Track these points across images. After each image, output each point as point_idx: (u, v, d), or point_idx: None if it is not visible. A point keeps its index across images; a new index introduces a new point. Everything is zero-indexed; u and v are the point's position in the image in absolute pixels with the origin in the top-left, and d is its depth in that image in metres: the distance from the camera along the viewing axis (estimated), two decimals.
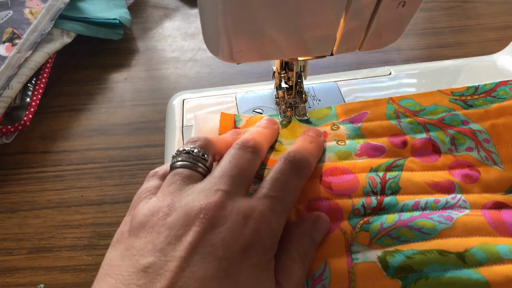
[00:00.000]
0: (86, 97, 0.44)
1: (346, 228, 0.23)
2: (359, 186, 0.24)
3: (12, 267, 0.31)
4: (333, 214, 0.24)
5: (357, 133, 0.28)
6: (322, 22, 0.19)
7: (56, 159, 0.38)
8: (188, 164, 0.21)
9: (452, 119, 0.28)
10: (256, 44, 0.20)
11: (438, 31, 0.49)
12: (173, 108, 0.35)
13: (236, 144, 0.23)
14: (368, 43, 0.22)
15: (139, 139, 0.39)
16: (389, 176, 0.25)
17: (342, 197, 0.24)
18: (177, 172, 0.21)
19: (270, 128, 0.27)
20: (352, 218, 0.24)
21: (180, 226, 0.18)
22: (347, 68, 0.45)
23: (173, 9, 0.55)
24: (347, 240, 0.23)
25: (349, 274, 0.22)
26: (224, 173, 0.21)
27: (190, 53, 0.48)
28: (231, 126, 0.30)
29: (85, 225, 0.33)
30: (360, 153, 0.27)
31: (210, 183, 0.20)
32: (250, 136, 0.24)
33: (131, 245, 0.18)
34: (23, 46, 0.39)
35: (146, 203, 0.20)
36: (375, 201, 0.24)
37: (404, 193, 0.24)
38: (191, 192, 0.20)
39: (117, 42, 0.49)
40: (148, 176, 0.24)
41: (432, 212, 0.23)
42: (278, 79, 0.30)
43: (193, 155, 0.22)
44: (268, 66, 0.45)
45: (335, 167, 0.26)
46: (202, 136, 0.23)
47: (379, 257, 0.22)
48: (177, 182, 0.21)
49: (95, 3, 0.48)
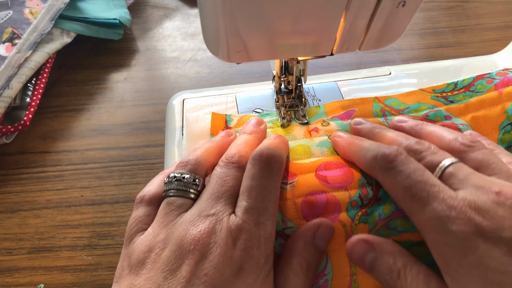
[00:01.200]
0: (86, 97, 0.44)
1: (345, 221, 0.23)
2: (354, 178, 0.25)
3: (12, 267, 0.31)
4: (331, 206, 0.24)
5: (347, 128, 0.29)
6: (322, 21, 0.19)
7: (56, 159, 0.38)
8: (180, 192, 0.22)
9: (436, 115, 0.29)
10: (256, 44, 0.20)
11: (438, 31, 0.49)
12: (173, 108, 0.35)
13: (221, 161, 0.23)
14: (368, 43, 0.22)
15: (139, 139, 0.39)
16: None
17: (339, 190, 0.24)
18: (170, 201, 0.22)
19: (256, 132, 0.27)
20: (350, 210, 0.24)
21: (175, 260, 0.19)
22: (347, 68, 0.45)
23: (173, 9, 0.55)
24: (347, 232, 0.23)
25: (351, 268, 0.22)
26: (211, 196, 0.21)
27: (190, 53, 0.48)
28: (222, 126, 0.30)
29: (85, 225, 0.33)
30: None
31: (199, 209, 0.21)
32: (234, 150, 0.24)
33: (132, 284, 0.19)
34: (23, 46, 0.39)
35: (142, 237, 0.21)
36: (371, 192, 0.24)
37: None
38: (182, 222, 0.20)
39: (117, 42, 0.49)
40: (135, 201, 0.24)
41: None
42: (278, 83, 0.30)
43: (184, 182, 0.22)
44: (268, 66, 0.45)
45: (329, 161, 0.26)
46: (192, 158, 0.24)
47: None
48: (170, 213, 0.21)
49: (95, 3, 0.48)
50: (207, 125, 0.31)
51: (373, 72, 0.36)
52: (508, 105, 0.27)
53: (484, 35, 0.48)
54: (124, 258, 0.21)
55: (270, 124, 0.30)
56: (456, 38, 0.48)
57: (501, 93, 0.28)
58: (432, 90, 0.31)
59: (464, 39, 0.47)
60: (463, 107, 0.29)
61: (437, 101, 0.30)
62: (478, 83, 0.29)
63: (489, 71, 0.30)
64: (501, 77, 0.29)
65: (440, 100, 0.30)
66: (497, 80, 0.29)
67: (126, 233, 0.22)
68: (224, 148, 0.26)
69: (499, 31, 0.48)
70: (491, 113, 0.27)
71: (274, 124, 0.30)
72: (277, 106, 0.32)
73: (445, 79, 0.32)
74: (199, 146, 0.25)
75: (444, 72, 0.36)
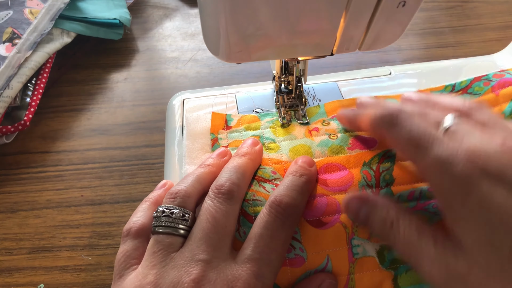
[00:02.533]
0: (86, 97, 0.44)
1: (346, 222, 0.23)
2: (354, 181, 0.25)
3: (12, 267, 0.31)
4: (331, 208, 0.24)
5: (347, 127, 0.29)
6: (322, 22, 0.19)
7: (56, 159, 0.38)
8: (169, 229, 0.21)
9: None
10: (256, 44, 0.20)
11: (438, 31, 0.49)
12: (173, 108, 0.35)
13: (211, 190, 0.23)
14: (368, 43, 0.22)
15: (139, 139, 0.39)
16: (382, 169, 0.26)
17: (339, 193, 0.25)
18: (158, 240, 0.21)
19: (251, 153, 0.26)
20: None
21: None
22: (347, 68, 0.45)
23: (173, 9, 0.55)
24: (347, 233, 0.23)
25: (350, 268, 0.23)
26: (202, 236, 0.20)
27: (190, 53, 0.48)
28: (222, 125, 0.30)
29: (85, 225, 0.33)
30: (353, 146, 0.27)
31: (190, 252, 0.20)
32: (225, 178, 0.23)
33: None
34: (23, 46, 0.39)
35: (131, 276, 0.20)
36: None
37: (398, 184, 0.25)
38: (173, 265, 0.20)
39: (117, 42, 0.49)
40: (122, 234, 0.23)
41: (427, 201, 0.24)
42: (278, 83, 0.30)
43: (172, 218, 0.21)
44: (268, 66, 0.45)
45: (329, 163, 0.26)
46: (182, 189, 0.23)
47: (378, 252, 0.23)
48: (159, 252, 0.20)
49: (95, 3, 0.48)
50: (207, 124, 0.31)
51: (373, 72, 0.36)
52: (505, 106, 0.27)
53: (484, 35, 0.48)
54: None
55: (270, 124, 0.30)
56: (456, 38, 0.48)
57: (498, 95, 0.28)
58: (430, 92, 0.31)
59: (464, 39, 0.47)
60: None
61: None
62: (475, 85, 0.30)
63: (486, 73, 0.30)
64: (497, 79, 0.29)
65: None
66: (493, 82, 0.29)
67: (115, 268, 0.22)
68: (217, 172, 0.24)
69: (499, 31, 0.48)
70: None
71: (274, 124, 0.30)
72: (277, 106, 0.32)
73: (445, 79, 0.32)
74: (191, 173, 0.24)
75: (444, 72, 0.36)
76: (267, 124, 0.30)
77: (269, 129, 0.30)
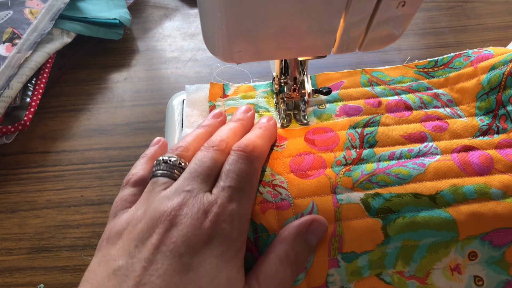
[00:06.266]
0: (86, 97, 0.44)
1: (330, 174, 0.26)
2: (340, 141, 0.28)
3: (12, 267, 0.31)
4: (317, 164, 0.26)
5: (336, 97, 0.31)
6: (322, 22, 0.19)
7: (56, 159, 0.38)
8: (166, 173, 0.23)
9: (419, 86, 0.32)
10: (255, 44, 0.20)
11: (438, 31, 0.49)
12: (173, 108, 0.35)
13: (203, 146, 0.24)
14: (368, 43, 0.22)
15: (139, 139, 0.39)
16: (366, 132, 0.28)
17: (325, 152, 0.27)
18: (155, 181, 0.23)
19: (243, 119, 0.28)
20: (335, 167, 0.26)
21: (146, 230, 0.20)
22: (347, 68, 0.44)
23: (173, 9, 0.55)
24: (332, 183, 0.25)
25: (335, 214, 0.24)
26: (189, 175, 0.22)
27: (190, 53, 0.48)
28: (219, 93, 0.33)
29: (85, 225, 0.33)
30: (340, 113, 0.30)
31: (176, 186, 0.22)
32: (217, 136, 0.25)
33: (108, 252, 0.20)
34: (23, 46, 0.39)
35: (125, 214, 0.22)
36: (354, 153, 0.27)
37: (380, 146, 0.27)
38: (159, 197, 0.21)
39: (117, 42, 0.49)
40: (122, 184, 0.25)
41: (407, 160, 0.26)
42: (278, 84, 0.30)
43: (170, 164, 0.23)
44: (268, 66, 0.45)
45: (317, 127, 0.29)
46: (181, 145, 0.25)
47: (362, 199, 0.24)
48: (152, 190, 0.22)
49: (95, 3, 0.48)
50: (206, 93, 0.33)
51: None
52: (482, 77, 0.30)
53: (484, 35, 0.48)
54: (105, 232, 0.22)
55: (265, 94, 0.32)
56: (456, 38, 0.48)
57: (476, 68, 0.31)
58: (415, 66, 0.34)
59: (464, 39, 0.47)
60: (443, 81, 0.32)
61: (419, 75, 0.33)
62: (456, 61, 0.33)
63: (465, 50, 0.33)
64: (476, 55, 0.32)
65: (422, 74, 0.33)
66: (472, 58, 0.32)
67: (111, 210, 0.23)
68: (213, 132, 0.26)
69: (499, 31, 0.48)
70: (468, 85, 0.30)
71: (268, 95, 0.32)
72: (277, 107, 0.32)
73: None
74: (189, 134, 0.26)
75: None
76: (261, 94, 0.32)
77: (263, 98, 0.32)
